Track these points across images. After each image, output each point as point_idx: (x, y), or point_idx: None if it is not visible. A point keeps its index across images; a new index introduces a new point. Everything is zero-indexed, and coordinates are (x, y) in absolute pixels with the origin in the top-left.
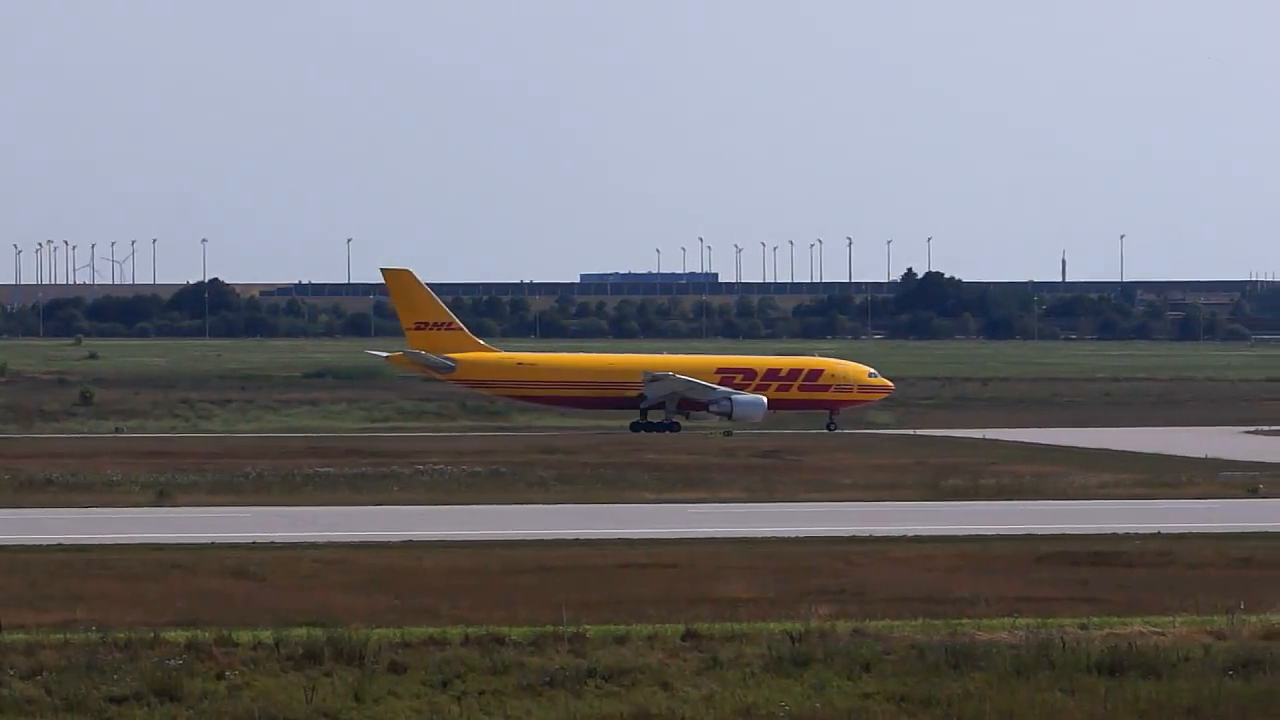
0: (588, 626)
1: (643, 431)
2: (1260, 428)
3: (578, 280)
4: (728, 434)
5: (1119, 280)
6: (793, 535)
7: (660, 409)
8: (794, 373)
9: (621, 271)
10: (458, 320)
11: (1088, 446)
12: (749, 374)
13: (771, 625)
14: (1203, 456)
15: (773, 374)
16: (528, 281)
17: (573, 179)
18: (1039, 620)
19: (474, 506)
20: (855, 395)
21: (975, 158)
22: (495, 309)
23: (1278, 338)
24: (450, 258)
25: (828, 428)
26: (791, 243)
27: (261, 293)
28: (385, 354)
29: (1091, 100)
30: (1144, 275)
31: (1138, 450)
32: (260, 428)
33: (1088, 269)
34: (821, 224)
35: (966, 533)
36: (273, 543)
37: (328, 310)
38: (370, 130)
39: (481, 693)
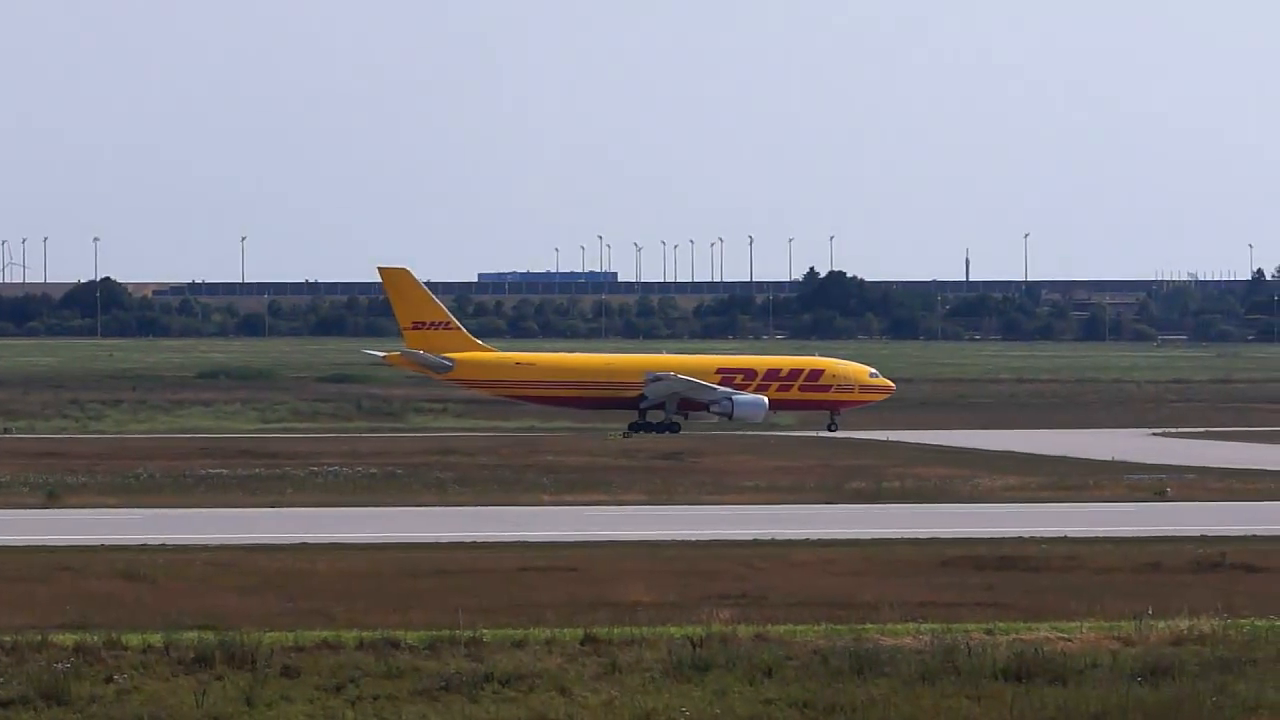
0: (485, 630)
1: (641, 432)
2: (1167, 430)
3: (475, 279)
4: (627, 435)
5: (1023, 280)
6: (694, 538)
7: (659, 409)
8: (794, 373)
9: (520, 271)
10: (455, 320)
11: (992, 449)
12: (749, 374)
13: (672, 629)
14: (1109, 459)
15: (773, 374)
16: (425, 281)
17: (470, 177)
18: (944, 626)
19: (369, 509)
20: (856, 395)
21: (878, 156)
22: (392, 308)
23: (1183, 338)
24: (347, 257)
25: (828, 428)
26: (692, 241)
27: (154, 292)
28: (382, 353)
29: (993, 97)
30: (1049, 275)
31: (1043, 453)
32: (152, 428)
33: (992, 268)
34: (723, 222)
35: (870, 536)
36: (164, 545)
37: (222, 310)
38: (264, 128)
39: (376, 697)
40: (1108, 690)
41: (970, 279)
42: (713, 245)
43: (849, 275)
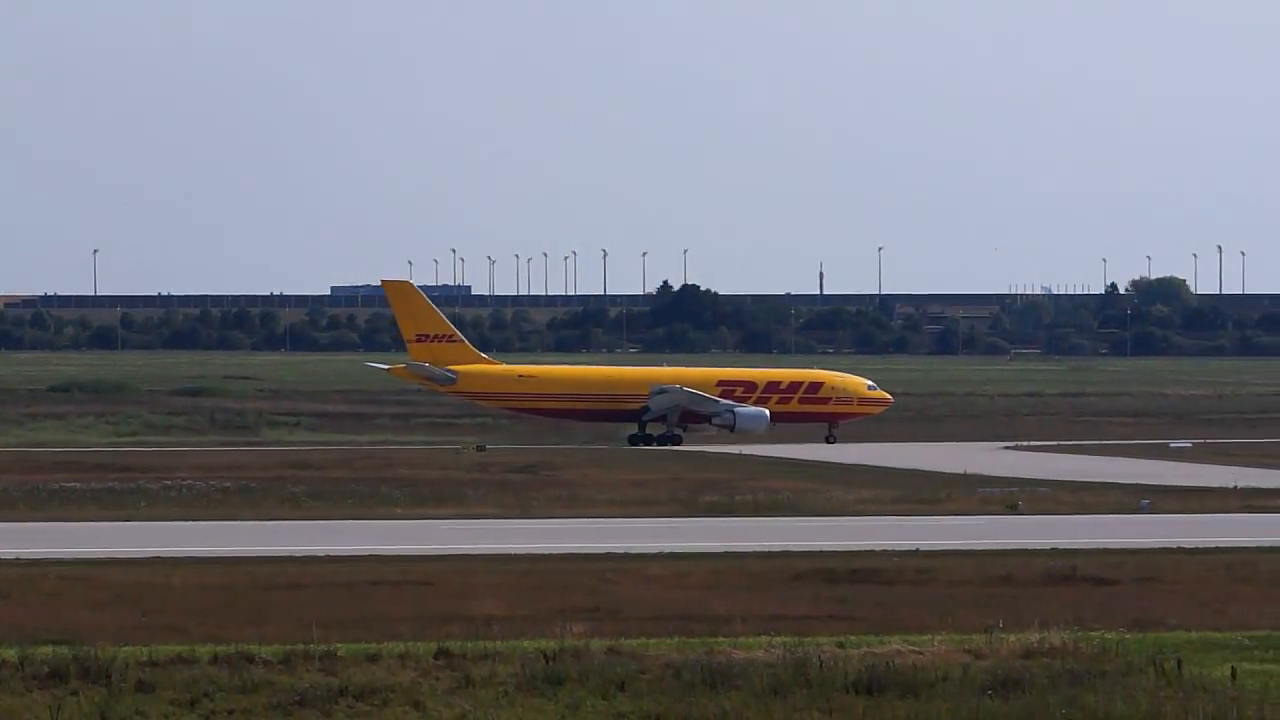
0: (339, 645)
1: (641, 444)
2: (1019, 443)
3: (329, 292)
4: (481, 449)
5: (877, 293)
6: (547, 552)
7: (661, 421)
8: (794, 385)
9: (373, 284)
10: (459, 333)
11: (846, 462)
12: (749, 387)
13: (525, 643)
14: (962, 472)
15: (773, 387)
16: (278, 294)
17: (323, 189)
18: (796, 639)
19: (223, 522)
20: (855, 408)
21: (731, 169)
22: (244, 321)
23: (1036, 351)
24: (199, 269)
25: (827, 440)
26: (545, 255)
27: (6, 304)
28: (386, 366)
29: (844, 111)
30: (902, 288)
31: (896, 466)
32: (4, 442)
33: (845, 282)
34: (576, 236)
35: (723, 549)
36: (17, 559)
37: (74, 323)
38: (114, 139)
39: (231, 711)
40: (958, 703)
41: (824, 292)
42: (566, 259)
43: (702, 289)
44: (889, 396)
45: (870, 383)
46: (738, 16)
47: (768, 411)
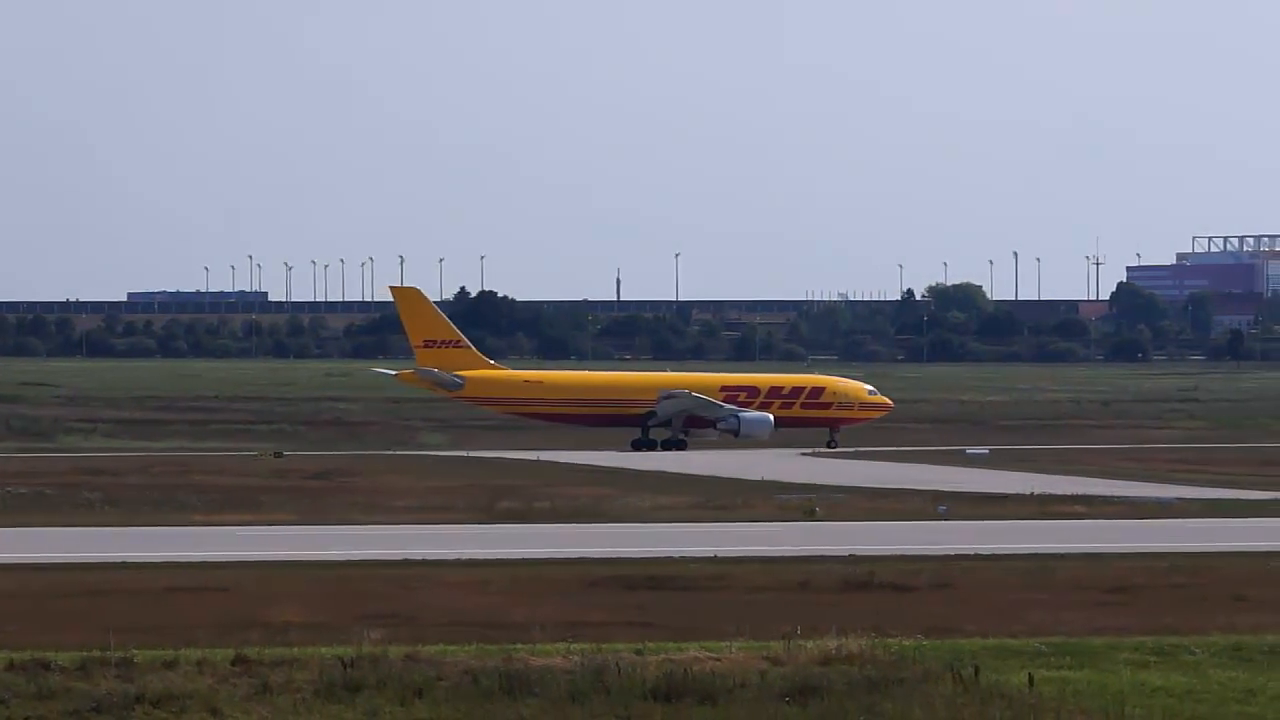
0: (136, 651)
1: (645, 449)
2: (817, 449)
3: (125, 299)
4: (278, 455)
5: (674, 299)
6: (345, 559)
7: (666, 426)
8: (796, 390)
9: (170, 290)
10: (465, 339)
11: (644, 469)
12: (753, 392)
13: (323, 650)
14: (760, 479)
15: (775, 392)
16: (74, 299)
17: (119, 195)
18: (594, 646)
19: (18, 529)
20: (856, 413)
21: (529, 175)
22: (40, 328)
23: (833, 358)
24: None
25: (828, 445)
26: (343, 261)
27: None
28: (394, 371)
29: (639, 117)
30: (699, 294)
31: (695, 473)
32: None
33: (643, 288)
34: (373, 243)
35: (522, 556)
36: None
37: None
38: None
39: (27, 719)
40: (756, 709)
41: (621, 299)
42: (363, 265)
43: (500, 295)
44: (889, 401)
45: (870, 388)
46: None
47: (771, 417)
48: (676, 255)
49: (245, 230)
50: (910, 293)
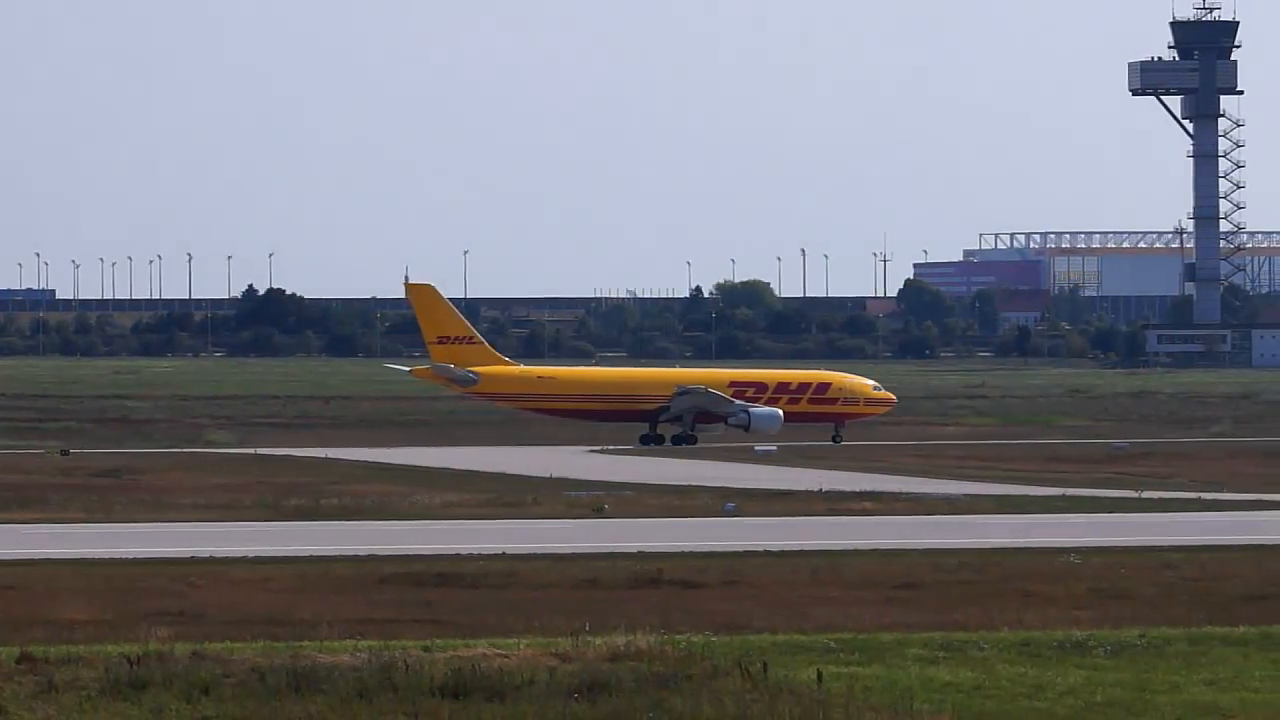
0: None
1: (653, 444)
2: (605, 446)
3: None
4: (65, 453)
5: (464, 297)
6: (131, 556)
7: (676, 422)
8: (803, 386)
9: None
10: (479, 335)
11: (431, 466)
12: (760, 388)
13: (109, 648)
14: (548, 476)
15: (783, 388)
16: None
17: None
18: (382, 642)
19: None
20: (861, 408)
21: (314, 173)
22: None
23: (622, 355)
24: None
25: (834, 439)
26: (130, 259)
27: None
28: (408, 368)
29: (433, 113)
30: (488, 292)
31: (483, 469)
32: None
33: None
34: (161, 240)
35: (308, 553)
36: None
37: None
38: None
39: None
40: (545, 706)
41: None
42: (151, 263)
43: (288, 292)
44: (892, 397)
45: (875, 384)
46: (338, 22)
47: (780, 412)
48: (465, 252)
49: (32, 227)
50: (698, 290)
